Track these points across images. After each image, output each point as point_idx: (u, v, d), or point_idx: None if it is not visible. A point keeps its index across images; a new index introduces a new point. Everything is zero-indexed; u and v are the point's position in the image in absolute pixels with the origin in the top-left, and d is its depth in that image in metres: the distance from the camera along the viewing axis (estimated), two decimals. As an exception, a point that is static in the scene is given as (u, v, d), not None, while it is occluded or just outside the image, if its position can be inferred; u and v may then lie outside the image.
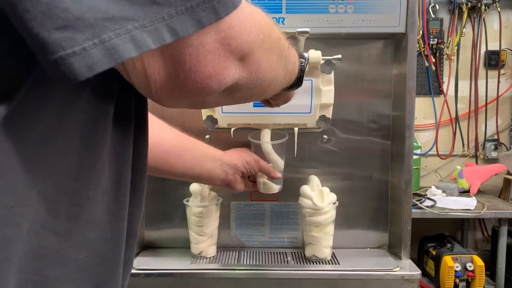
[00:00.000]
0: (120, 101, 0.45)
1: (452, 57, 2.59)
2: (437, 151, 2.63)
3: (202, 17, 0.38)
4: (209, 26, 0.39)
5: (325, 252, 1.17)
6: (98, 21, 0.33)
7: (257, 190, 1.14)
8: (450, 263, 2.09)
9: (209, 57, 0.40)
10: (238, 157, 1.04)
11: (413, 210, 1.26)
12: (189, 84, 0.41)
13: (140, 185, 0.52)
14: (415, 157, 2.24)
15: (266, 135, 1.08)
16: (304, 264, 1.16)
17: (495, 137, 2.66)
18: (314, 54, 1.03)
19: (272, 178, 1.10)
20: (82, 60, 0.33)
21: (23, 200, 0.38)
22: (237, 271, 1.12)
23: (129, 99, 0.47)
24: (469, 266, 2.08)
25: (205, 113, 1.10)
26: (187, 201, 1.18)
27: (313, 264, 1.16)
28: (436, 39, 2.52)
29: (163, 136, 0.93)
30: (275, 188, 1.12)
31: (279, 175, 1.10)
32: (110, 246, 0.47)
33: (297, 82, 0.68)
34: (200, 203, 1.15)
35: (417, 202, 2.11)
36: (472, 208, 2.13)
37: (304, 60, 0.69)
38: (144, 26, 0.35)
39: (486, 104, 2.64)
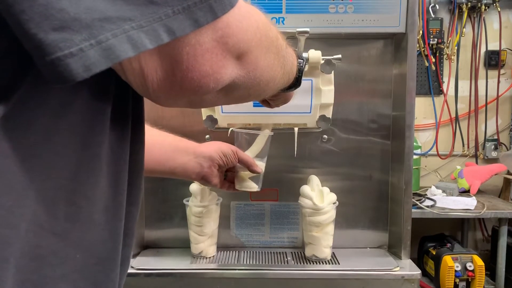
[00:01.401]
0: (118, 101, 0.45)
1: (452, 57, 2.59)
2: (437, 151, 2.62)
3: (199, 16, 0.38)
4: (206, 25, 0.39)
5: (325, 252, 1.16)
6: (95, 22, 0.33)
7: (234, 190, 1.06)
8: (450, 263, 2.09)
9: (206, 56, 0.40)
10: (214, 149, 0.99)
11: (413, 210, 1.26)
12: (187, 83, 0.41)
13: (137, 184, 0.52)
14: (415, 157, 2.23)
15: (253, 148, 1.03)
16: (304, 264, 1.16)
17: (495, 137, 2.66)
18: (314, 54, 1.03)
19: (252, 172, 1.02)
20: (79, 61, 0.33)
21: (21, 200, 0.38)
22: (237, 271, 1.12)
23: (126, 98, 0.47)
24: (469, 266, 2.08)
25: (205, 113, 1.10)
26: (187, 201, 1.18)
27: (313, 264, 1.16)
28: (436, 39, 2.52)
29: None
30: (253, 186, 1.04)
31: (259, 169, 1.02)
32: (107, 245, 0.47)
33: (296, 83, 0.68)
34: (200, 203, 1.15)
35: (417, 202, 2.11)
36: (472, 208, 2.13)
37: (302, 60, 0.69)
38: (141, 26, 0.35)
39: (486, 104, 2.64)
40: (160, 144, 0.95)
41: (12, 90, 0.37)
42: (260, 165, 1.03)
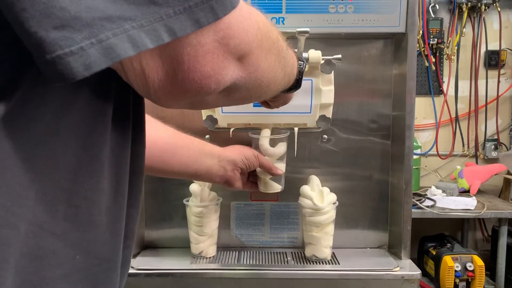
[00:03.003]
0: (119, 102, 0.45)
1: (452, 57, 2.59)
2: (437, 151, 2.62)
3: (200, 17, 0.38)
4: (207, 26, 0.39)
5: (325, 252, 1.16)
6: (95, 21, 0.33)
7: (258, 190, 1.11)
8: (450, 263, 2.09)
9: (207, 57, 0.40)
10: (237, 153, 1.02)
11: (413, 210, 1.26)
12: (188, 84, 0.41)
13: (137, 186, 0.52)
14: (415, 157, 2.23)
15: (265, 133, 1.07)
16: (304, 264, 1.16)
17: (495, 137, 2.66)
18: (314, 54, 1.03)
19: (273, 175, 1.07)
20: (80, 59, 0.33)
21: (21, 200, 0.38)
22: (237, 271, 1.12)
23: (127, 100, 0.47)
24: (469, 266, 2.08)
25: (205, 113, 1.10)
26: (187, 201, 1.18)
27: (313, 264, 1.16)
28: (436, 39, 2.52)
29: (158, 134, 0.92)
30: (277, 187, 1.09)
31: (280, 171, 1.06)
32: (108, 247, 0.47)
33: (296, 84, 0.68)
34: (200, 203, 1.15)
35: (417, 202, 2.11)
36: (472, 208, 2.13)
37: (302, 62, 0.69)
38: (141, 26, 0.35)
39: (486, 104, 2.64)
40: (188, 147, 0.97)
41: (12, 90, 0.37)
42: (281, 167, 1.07)
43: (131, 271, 1.11)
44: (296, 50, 0.89)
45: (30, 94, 0.38)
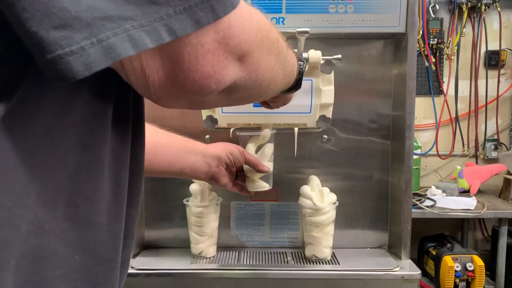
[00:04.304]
0: (119, 102, 0.45)
1: (452, 57, 2.59)
2: (437, 151, 2.62)
3: (201, 16, 0.38)
4: (207, 26, 0.39)
5: (325, 252, 1.16)
6: (96, 20, 0.33)
7: (245, 191, 1.09)
8: (450, 263, 2.09)
9: (207, 56, 0.40)
10: (221, 148, 1.01)
11: (413, 210, 1.26)
12: (188, 84, 0.41)
13: (137, 186, 0.52)
14: (415, 157, 2.23)
15: (251, 146, 1.05)
16: (304, 264, 1.16)
17: (495, 137, 2.65)
18: (314, 54, 1.03)
19: (259, 172, 1.04)
20: (80, 59, 0.33)
21: (21, 200, 0.38)
22: (237, 271, 1.12)
23: (127, 100, 0.47)
24: (469, 266, 2.08)
25: (205, 113, 1.10)
26: (187, 201, 1.18)
27: (313, 264, 1.16)
28: (436, 39, 2.52)
29: None
30: (264, 185, 1.06)
31: (266, 168, 1.04)
32: (107, 246, 0.47)
33: (296, 85, 0.68)
34: (200, 203, 1.15)
35: (417, 202, 2.11)
36: (472, 208, 2.13)
37: (302, 63, 0.69)
38: (142, 26, 0.35)
39: (486, 104, 2.64)
40: (170, 145, 0.96)
41: (12, 90, 0.37)
42: (268, 165, 1.05)
43: (131, 271, 1.11)
44: (296, 50, 0.89)
45: (30, 94, 0.38)
